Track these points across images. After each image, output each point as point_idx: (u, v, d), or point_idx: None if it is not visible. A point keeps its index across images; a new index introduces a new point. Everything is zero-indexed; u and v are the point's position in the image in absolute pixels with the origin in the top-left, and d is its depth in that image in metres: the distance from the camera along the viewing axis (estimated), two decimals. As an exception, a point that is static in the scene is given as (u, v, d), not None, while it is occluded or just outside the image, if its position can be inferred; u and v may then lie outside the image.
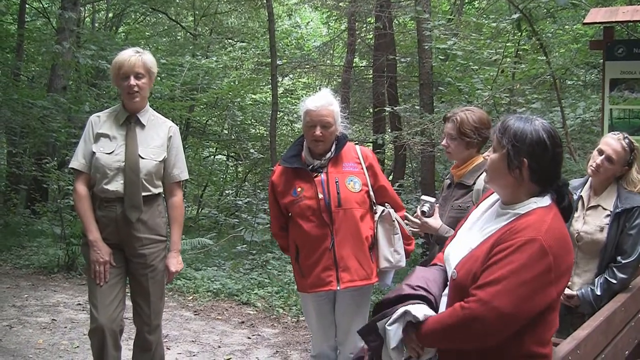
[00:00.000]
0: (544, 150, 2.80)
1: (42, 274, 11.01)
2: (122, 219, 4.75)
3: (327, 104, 4.69)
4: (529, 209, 2.82)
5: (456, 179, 4.72)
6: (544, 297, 2.68)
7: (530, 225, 2.71)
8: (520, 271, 2.62)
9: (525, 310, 2.65)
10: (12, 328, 7.65)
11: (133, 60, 4.77)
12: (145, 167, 4.80)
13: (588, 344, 3.35)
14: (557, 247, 2.68)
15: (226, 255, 12.46)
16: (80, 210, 4.78)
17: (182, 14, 22.99)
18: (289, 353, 7.27)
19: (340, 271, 4.62)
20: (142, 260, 4.86)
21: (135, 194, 4.75)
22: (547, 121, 2.92)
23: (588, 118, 9.42)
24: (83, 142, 4.83)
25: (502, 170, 2.86)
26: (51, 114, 14.26)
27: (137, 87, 4.78)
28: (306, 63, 20.32)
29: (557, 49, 11.94)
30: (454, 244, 3.11)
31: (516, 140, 2.81)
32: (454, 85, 11.60)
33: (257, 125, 22.36)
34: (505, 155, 2.83)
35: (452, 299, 2.89)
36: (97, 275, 4.72)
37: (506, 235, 2.73)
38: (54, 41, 15.68)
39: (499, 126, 2.93)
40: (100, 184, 4.71)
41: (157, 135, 4.94)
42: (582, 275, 4.59)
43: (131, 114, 4.87)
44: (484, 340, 2.70)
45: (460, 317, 2.67)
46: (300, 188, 4.72)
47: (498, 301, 2.60)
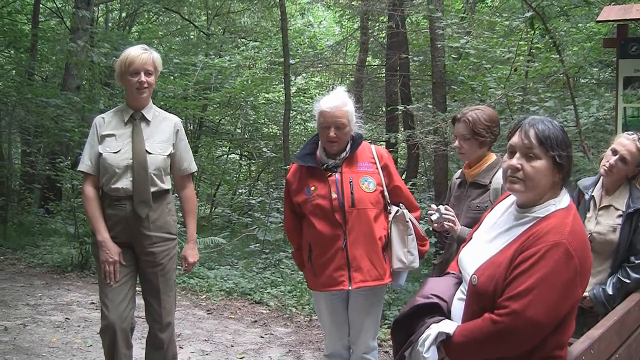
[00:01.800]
0: (570, 148, 2.84)
1: (55, 272, 11.05)
2: (132, 216, 4.78)
3: (342, 104, 4.66)
4: (548, 211, 2.81)
5: (470, 179, 4.68)
6: (571, 300, 2.70)
7: (553, 229, 2.70)
8: (550, 278, 2.61)
9: (556, 315, 2.66)
10: (26, 326, 7.69)
11: (144, 57, 4.80)
12: (154, 162, 4.82)
13: (602, 344, 3.33)
14: (580, 249, 2.68)
15: (239, 254, 12.48)
16: (89, 212, 4.83)
17: (195, 13, 23.02)
18: (301, 352, 7.26)
19: (353, 271, 4.61)
20: (152, 258, 4.89)
21: (144, 190, 4.77)
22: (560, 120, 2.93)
23: (602, 116, 9.37)
24: (89, 145, 4.86)
25: (549, 177, 2.82)
26: (65, 114, 14.31)
27: (147, 83, 4.82)
28: (319, 62, 20.29)
29: (570, 47, 11.88)
30: (470, 248, 3.09)
31: (558, 145, 2.79)
32: (467, 83, 11.56)
33: (270, 124, 22.37)
34: (551, 162, 2.79)
35: (470, 305, 2.87)
36: (107, 275, 4.77)
37: (530, 242, 2.71)
38: (69, 39, 15.74)
39: (535, 134, 2.82)
40: (109, 183, 4.74)
41: (163, 130, 4.96)
42: (595, 275, 4.55)
43: (136, 111, 4.90)
44: (517, 350, 2.70)
45: (494, 331, 2.67)
46: (313, 187, 4.70)
47: (531, 311, 2.60)
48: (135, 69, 4.75)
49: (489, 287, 2.75)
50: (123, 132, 4.84)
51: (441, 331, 2.83)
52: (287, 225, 5.15)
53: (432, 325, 2.88)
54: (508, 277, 2.71)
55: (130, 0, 20.96)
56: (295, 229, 4.99)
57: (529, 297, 2.60)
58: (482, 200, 4.53)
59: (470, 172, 4.68)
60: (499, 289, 2.72)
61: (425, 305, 2.98)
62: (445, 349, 2.83)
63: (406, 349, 2.93)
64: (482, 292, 2.79)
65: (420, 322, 2.93)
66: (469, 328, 2.79)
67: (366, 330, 4.86)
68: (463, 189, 4.74)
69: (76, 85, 15.77)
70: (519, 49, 11.43)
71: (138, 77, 4.77)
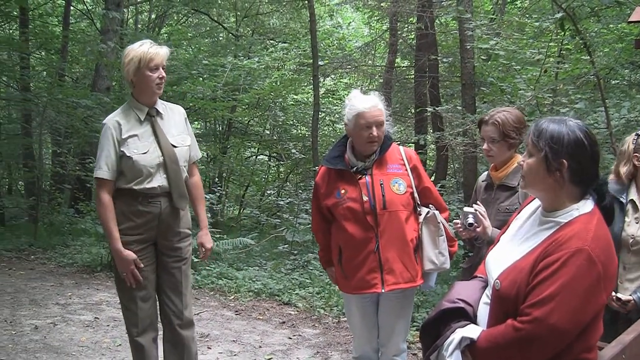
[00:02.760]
0: (582, 150, 2.77)
1: (85, 272, 11.13)
2: (166, 212, 4.79)
3: (377, 103, 4.66)
4: (572, 217, 2.79)
5: (497, 181, 4.66)
6: (595, 305, 2.67)
7: (575, 235, 2.67)
8: (572, 284, 2.59)
9: (579, 322, 2.64)
10: (56, 325, 7.75)
11: (163, 52, 4.79)
12: (182, 155, 4.85)
13: (634, 348, 3.28)
14: (604, 254, 2.65)
15: (267, 255, 12.48)
16: (104, 219, 4.75)
17: (224, 15, 23.06)
18: (329, 354, 7.25)
19: (385, 273, 4.59)
20: (179, 253, 4.92)
21: (180, 184, 4.81)
22: (590, 122, 2.89)
23: (633, 118, 9.27)
24: (104, 150, 4.73)
25: (541, 174, 2.82)
26: (95, 114, 14.40)
27: (164, 78, 4.83)
28: (348, 63, 20.26)
29: (601, 48, 11.78)
30: (496, 252, 3.08)
31: (553, 142, 2.77)
32: (496, 85, 11.50)
33: (298, 126, 22.37)
34: (544, 158, 2.79)
35: (494, 309, 2.87)
36: (128, 280, 4.77)
37: (552, 248, 2.70)
38: (99, 40, 15.85)
39: (533, 130, 2.88)
40: (144, 182, 4.72)
41: (176, 122, 4.97)
42: (634, 281, 4.45)
43: (150, 107, 4.86)
44: (541, 357, 2.68)
45: (517, 338, 2.66)
46: (344, 190, 4.69)
47: (554, 318, 2.59)
48: (156, 64, 4.71)
49: (512, 292, 2.75)
50: (143, 130, 4.79)
51: (465, 336, 2.83)
52: (314, 227, 5.15)
53: (457, 329, 2.88)
54: (530, 283, 2.70)
55: (160, 2, 21.03)
56: (323, 232, 4.99)
57: (552, 304, 2.59)
58: (511, 202, 4.51)
59: (498, 174, 4.66)
60: (521, 294, 2.72)
61: (452, 310, 2.98)
62: (471, 353, 2.82)
63: (432, 353, 2.94)
64: (504, 297, 2.78)
65: (447, 327, 2.93)
66: (492, 334, 2.78)
67: (397, 333, 4.85)
68: (490, 191, 4.71)
69: (106, 86, 15.86)
70: (549, 50, 11.34)
71: (158, 72, 4.74)
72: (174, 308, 4.97)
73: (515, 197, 4.50)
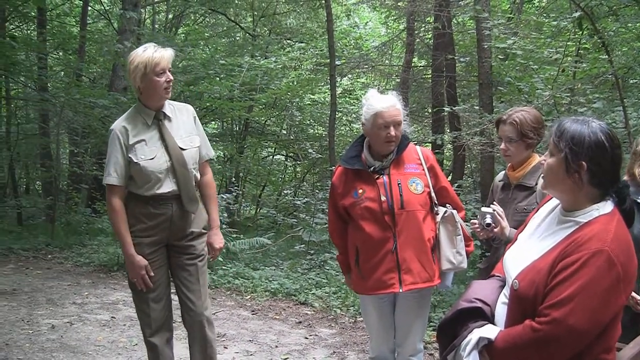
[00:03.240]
0: (603, 152, 2.73)
1: (102, 272, 11.18)
2: (177, 214, 4.78)
3: (395, 102, 4.64)
4: (591, 217, 2.76)
5: (514, 181, 4.64)
6: (614, 307, 2.65)
7: (595, 236, 2.65)
8: (591, 286, 2.57)
9: (598, 323, 2.61)
10: (72, 325, 7.77)
11: (168, 55, 4.75)
12: (191, 158, 4.82)
13: (653, 349, 3.26)
14: (623, 255, 2.63)
15: (284, 255, 12.49)
16: (116, 225, 4.75)
17: (241, 14, 23.09)
18: (346, 354, 7.23)
19: (403, 273, 4.57)
20: (192, 250, 4.91)
21: (190, 188, 4.78)
22: (608, 121, 2.85)
23: (651, 118, 9.23)
24: (113, 156, 4.71)
25: (561, 175, 2.79)
26: (112, 114, 14.45)
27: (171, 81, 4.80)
28: (365, 63, 20.23)
29: (619, 47, 11.71)
30: (514, 251, 3.06)
31: (574, 144, 2.74)
32: (514, 84, 11.45)
33: (315, 126, 22.38)
34: (563, 159, 2.76)
35: (512, 309, 2.85)
36: (139, 285, 4.76)
37: (571, 248, 2.67)
38: (116, 40, 15.91)
39: (555, 130, 2.85)
40: (153, 188, 4.70)
41: (184, 122, 4.93)
42: None
43: (157, 111, 4.82)
44: (560, 358, 2.66)
45: (535, 339, 2.64)
46: (361, 190, 4.67)
47: (573, 319, 2.56)
48: (162, 68, 4.68)
49: (530, 292, 2.73)
50: (151, 135, 4.76)
51: (483, 336, 2.81)
52: (331, 228, 5.12)
53: (474, 329, 2.86)
54: (549, 284, 2.67)
55: (177, 2, 21.09)
56: (340, 233, 4.97)
57: (570, 305, 2.57)
58: (528, 202, 4.49)
59: (515, 174, 4.65)
60: (539, 294, 2.69)
61: (469, 310, 2.96)
62: (489, 354, 2.80)
63: (449, 353, 2.92)
64: (523, 297, 2.76)
65: (464, 327, 2.91)
66: (510, 334, 2.76)
67: (414, 333, 4.83)
68: (508, 191, 4.69)
69: (123, 86, 15.90)
70: (567, 50, 11.29)
71: (165, 76, 4.70)
72: (194, 307, 4.93)
73: (533, 197, 4.48)
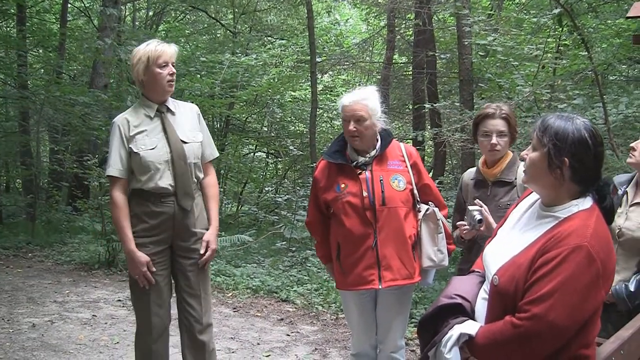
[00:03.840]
0: (585, 149, 2.74)
1: (83, 270, 11.13)
2: (179, 212, 4.70)
3: (361, 98, 4.64)
4: (571, 212, 2.77)
5: (492, 178, 4.64)
6: (594, 302, 2.66)
7: (575, 231, 2.65)
8: (571, 281, 2.58)
9: (578, 318, 2.62)
10: (53, 323, 7.74)
11: (172, 49, 4.75)
12: (191, 151, 4.75)
13: (632, 345, 3.28)
14: (603, 251, 2.64)
15: (265, 252, 12.48)
16: (116, 220, 4.67)
17: (221, 11, 23.07)
18: (328, 350, 7.24)
19: (383, 270, 4.59)
20: (196, 254, 4.82)
21: (186, 181, 4.71)
22: (588, 118, 2.86)
23: (631, 114, 9.27)
24: (115, 148, 4.67)
25: (543, 170, 2.80)
26: (92, 112, 14.40)
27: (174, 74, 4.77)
28: (345, 60, 20.30)
29: (599, 43, 11.79)
30: (494, 245, 3.06)
31: (557, 140, 2.75)
32: (494, 81, 11.49)
33: (296, 123, 22.38)
34: (546, 154, 2.77)
35: (493, 305, 2.85)
36: (141, 282, 4.66)
37: (551, 244, 2.67)
38: (96, 37, 15.85)
39: (539, 125, 2.85)
40: (153, 180, 4.63)
41: (188, 118, 4.90)
42: (621, 272, 4.48)
43: (160, 104, 4.79)
44: (540, 354, 2.67)
45: (515, 334, 2.64)
46: (344, 184, 4.68)
47: (553, 315, 2.57)
48: (165, 61, 4.66)
49: (510, 288, 2.73)
50: (153, 126, 4.72)
51: (463, 332, 2.82)
52: (308, 219, 5.10)
53: (455, 325, 2.87)
54: (529, 280, 2.68)
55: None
56: (317, 223, 4.97)
57: (550, 301, 2.58)
58: (511, 198, 4.50)
59: (492, 171, 4.66)
60: (519, 290, 2.70)
61: (449, 306, 2.97)
62: (469, 349, 2.81)
63: (430, 349, 2.93)
64: (503, 292, 2.76)
65: (445, 323, 2.92)
66: (490, 330, 2.77)
67: (395, 329, 4.84)
68: (485, 189, 4.69)
69: (104, 84, 15.86)
70: (547, 46, 11.35)
71: (168, 68, 4.68)
72: (193, 313, 4.86)
73: (514, 191, 4.51)
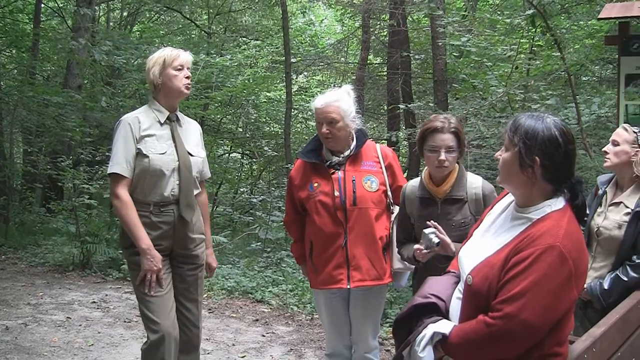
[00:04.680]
0: (556, 147, 2.76)
1: (57, 272, 11.06)
2: (179, 221, 4.64)
3: (333, 100, 4.64)
4: (544, 213, 2.79)
5: (441, 195, 4.40)
6: (567, 301, 2.69)
7: (547, 232, 2.68)
8: (544, 281, 2.60)
9: (551, 317, 2.65)
10: (27, 326, 7.69)
11: (187, 55, 4.73)
12: (196, 165, 4.73)
13: (604, 342, 3.32)
14: (575, 251, 2.66)
15: (241, 253, 12.48)
16: (127, 218, 4.50)
17: (196, 12, 23.03)
18: (303, 351, 7.26)
19: (352, 270, 4.61)
20: (196, 261, 4.80)
21: (189, 193, 4.66)
22: (561, 118, 2.89)
23: (603, 114, 9.36)
24: (123, 146, 4.53)
25: (515, 170, 2.82)
26: (66, 113, 14.32)
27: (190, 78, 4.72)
28: (320, 61, 20.30)
29: (571, 44, 11.88)
30: (469, 246, 3.09)
31: (528, 139, 2.77)
32: (469, 82, 11.55)
33: (271, 123, 22.36)
34: (517, 153, 2.80)
35: (466, 304, 2.88)
36: (150, 285, 4.55)
37: (524, 244, 2.70)
38: (70, 37, 15.77)
39: (510, 125, 2.88)
40: (157, 186, 4.56)
41: (193, 133, 4.87)
42: (598, 269, 4.56)
43: (171, 113, 4.72)
44: (513, 352, 2.70)
45: (488, 333, 2.66)
46: (317, 183, 4.71)
47: (526, 314, 2.59)
48: (180, 63, 4.63)
49: (483, 287, 2.75)
50: (162, 133, 4.64)
51: (437, 331, 2.84)
52: (286, 218, 5.12)
53: (429, 325, 2.88)
54: (502, 279, 2.70)
55: (132, 0, 20.95)
56: (294, 222, 4.99)
57: (523, 300, 2.60)
58: (463, 215, 4.35)
59: (441, 188, 4.40)
60: (492, 289, 2.72)
61: (424, 305, 2.98)
62: (443, 348, 2.83)
63: (404, 348, 2.94)
64: (476, 292, 2.79)
65: (419, 322, 2.94)
66: (464, 329, 2.79)
67: (367, 330, 4.86)
68: (434, 207, 4.42)
69: (78, 84, 15.78)
70: (521, 47, 11.41)
71: (184, 72, 4.65)
72: (190, 316, 4.85)
73: (465, 208, 4.36)
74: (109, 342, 7.22)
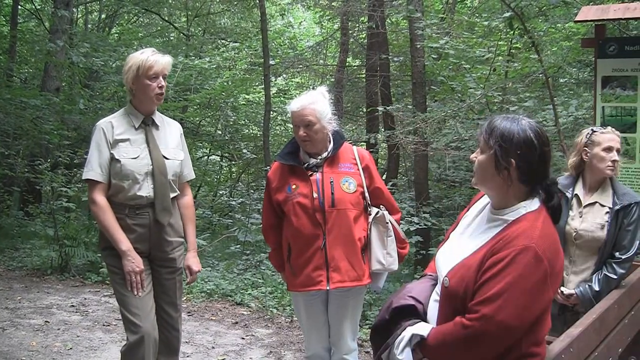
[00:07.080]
0: (531, 149, 2.78)
1: (35, 275, 10.99)
2: (154, 224, 4.65)
3: (309, 103, 4.64)
4: (519, 214, 2.81)
5: None
6: (542, 302, 2.70)
7: (522, 233, 2.70)
8: (520, 282, 2.61)
9: (528, 318, 2.66)
10: (4, 330, 7.63)
11: (165, 61, 4.66)
12: (172, 168, 4.71)
13: (581, 342, 3.34)
14: (550, 251, 2.68)
15: (220, 255, 12.45)
16: (106, 221, 4.52)
17: (175, 14, 22.97)
18: (282, 353, 7.26)
19: (331, 271, 4.61)
20: (173, 264, 4.80)
21: (165, 197, 4.65)
22: (539, 120, 2.91)
23: (580, 116, 9.43)
24: (97, 151, 4.56)
25: (490, 172, 2.83)
26: (44, 115, 14.24)
27: (164, 87, 4.69)
28: (299, 63, 20.30)
29: (549, 47, 11.97)
30: (445, 249, 3.10)
31: (503, 141, 2.79)
32: (447, 84, 11.61)
33: (250, 126, 22.36)
34: (493, 156, 2.81)
35: (443, 306, 2.89)
36: (135, 286, 4.55)
37: (499, 245, 2.72)
38: (48, 39, 15.68)
39: (485, 127, 2.90)
40: (130, 190, 4.55)
41: (172, 135, 4.85)
42: (579, 273, 4.60)
43: (147, 116, 4.71)
44: (490, 354, 2.71)
45: (465, 335, 2.67)
46: (294, 185, 4.70)
47: (502, 315, 2.60)
48: (155, 73, 4.57)
49: (460, 289, 2.76)
50: (136, 137, 4.64)
51: (415, 333, 2.85)
52: (265, 224, 5.09)
53: (407, 327, 2.89)
54: (478, 281, 2.71)
55: (110, 1, 20.87)
56: (273, 228, 4.97)
57: (499, 302, 2.61)
58: None
59: None
60: (469, 291, 2.73)
61: (402, 307, 2.99)
62: (421, 350, 2.84)
63: (383, 352, 2.95)
64: (453, 294, 2.80)
65: (397, 325, 2.95)
66: (441, 331, 2.80)
67: (346, 332, 4.85)
68: None
69: (55, 87, 15.68)
70: (498, 49, 11.49)
71: (157, 81, 4.60)
72: (169, 320, 4.86)
73: None
74: (87, 346, 7.19)
